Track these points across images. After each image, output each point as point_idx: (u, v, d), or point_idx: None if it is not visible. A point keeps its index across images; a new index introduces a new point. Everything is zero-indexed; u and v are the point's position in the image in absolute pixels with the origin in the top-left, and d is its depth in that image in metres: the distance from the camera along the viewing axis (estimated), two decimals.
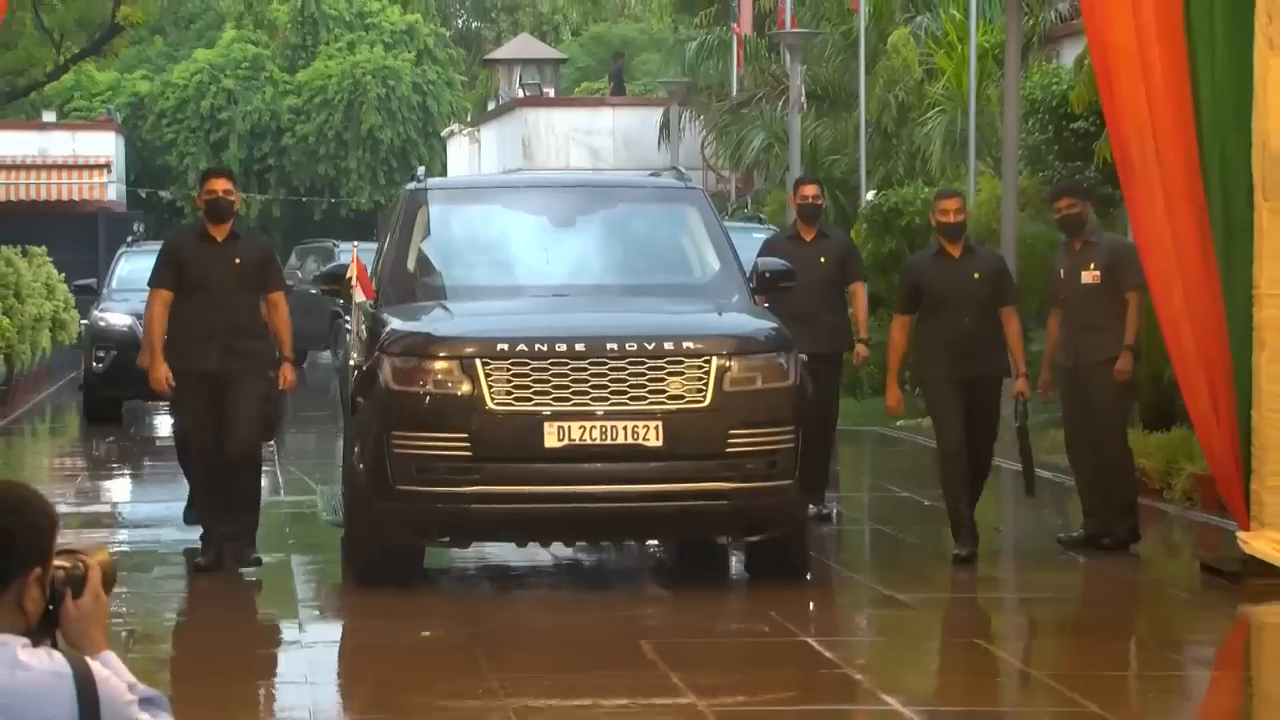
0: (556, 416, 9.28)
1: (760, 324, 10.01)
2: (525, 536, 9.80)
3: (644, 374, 9.36)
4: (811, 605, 9.97)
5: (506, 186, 12.96)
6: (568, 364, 9.34)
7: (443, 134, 49.39)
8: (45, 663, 3.27)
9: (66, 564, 3.42)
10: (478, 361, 9.33)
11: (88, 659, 3.32)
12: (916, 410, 18.98)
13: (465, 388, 9.31)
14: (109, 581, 3.50)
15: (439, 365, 9.40)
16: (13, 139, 38.57)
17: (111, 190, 39.45)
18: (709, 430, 9.37)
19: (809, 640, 8.95)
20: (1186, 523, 12.07)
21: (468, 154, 43.74)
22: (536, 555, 10.59)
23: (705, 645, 8.88)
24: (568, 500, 9.28)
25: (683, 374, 9.38)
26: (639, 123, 36.97)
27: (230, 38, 54.02)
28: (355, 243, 11.00)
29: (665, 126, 33.68)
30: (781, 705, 8.05)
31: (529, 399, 9.30)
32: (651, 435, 9.29)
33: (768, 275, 10.68)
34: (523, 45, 47.87)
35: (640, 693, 7.81)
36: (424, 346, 9.55)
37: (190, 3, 58.20)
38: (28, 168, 38.13)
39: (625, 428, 9.30)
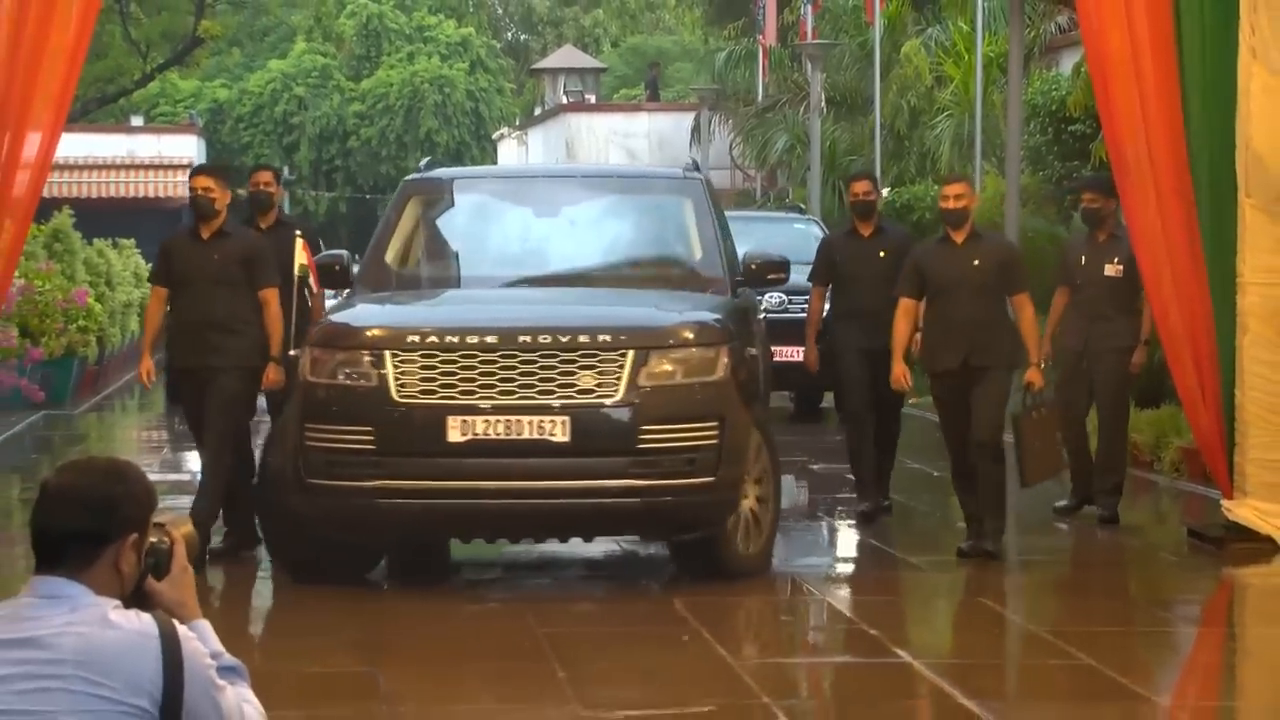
0: (461, 410, 8.34)
1: (694, 316, 8.87)
2: (432, 533, 8.96)
3: (555, 368, 8.39)
4: (830, 566, 9.93)
5: (500, 177, 11.95)
6: (477, 356, 8.41)
7: (494, 137, 49.42)
8: (134, 623, 3.25)
9: (154, 538, 3.41)
10: (386, 353, 8.45)
11: (175, 623, 3.30)
12: (923, 388, 18.92)
13: (373, 380, 8.44)
14: (193, 552, 3.50)
15: (349, 357, 8.54)
16: (103, 141, 38.70)
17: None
18: (619, 426, 8.36)
19: (828, 599, 8.92)
20: (1174, 492, 12.02)
21: (516, 155, 43.74)
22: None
23: (732, 605, 8.85)
24: (472, 496, 8.34)
25: (595, 368, 8.39)
26: (672, 126, 36.96)
27: (301, 49, 54.14)
28: (298, 230, 10.14)
29: (696, 129, 33.64)
30: (802, 658, 8.02)
31: (434, 392, 8.39)
32: (558, 430, 8.31)
33: (755, 267, 9.70)
34: (566, 56, 47.84)
35: (671, 647, 7.78)
36: (338, 338, 8.72)
37: (265, 18, 58.25)
38: (117, 167, 38.27)
39: (531, 423, 8.32)
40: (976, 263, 9.53)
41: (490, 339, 8.44)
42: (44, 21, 9.64)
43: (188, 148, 40.56)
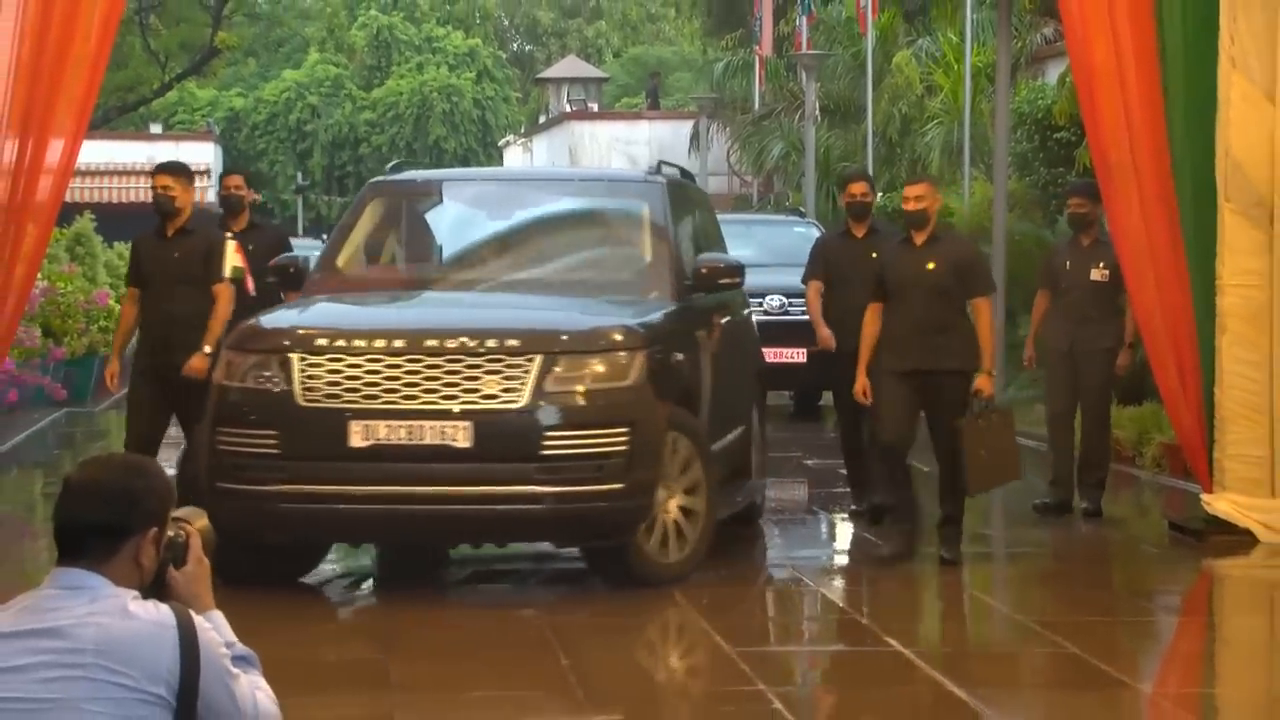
0: (363, 415, 7.96)
1: (608, 321, 8.42)
2: (337, 537, 8.62)
3: (459, 372, 8.00)
4: (825, 559, 9.92)
5: (460, 181, 11.09)
6: (383, 360, 8.04)
7: (500, 144, 49.43)
8: (152, 613, 3.25)
9: (171, 531, 3.41)
10: (293, 357, 8.12)
11: (192, 614, 3.30)
12: None
13: (279, 384, 8.12)
14: (208, 545, 3.49)
15: (259, 360, 8.22)
16: (124, 148, 38.68)
17: (210, 194, 39.55)
18: (523, 432, 7.95)
19: (823, 590, 8.92)
20: (1156, 486, 12.01)
21: (521, 161, 43.75)
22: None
23: (730, 596, 8.84)
24: (374, 501, 7.93)
25: (500, 373, 8.00)
26: (672, 133, 36.97)
27: (314, 60, 54.16)
28: (229, 232, 9.80)
29: (695, 137, 33.63)
30: (796, 646, 8.02)
31: (338, 396, 8.02)
32: (460, 436, 7.92)
33: (706, 271, 9.20)
34: (570, 66, 47.86)
35: (673, 630, 7.78)
36: (249, 340, 8.38)
37: (279, 29, 58.28)
38: (137, 173, 38.23)
39: (433, 428, 7.94)
40: (932, 265, 9.10)
41: (397, 343, 8.08)
42: (66, 32, 9.64)
43: (205, 154, 40.56)
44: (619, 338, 8.26)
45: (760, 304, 15.13)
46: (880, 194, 23.22)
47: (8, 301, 9.68)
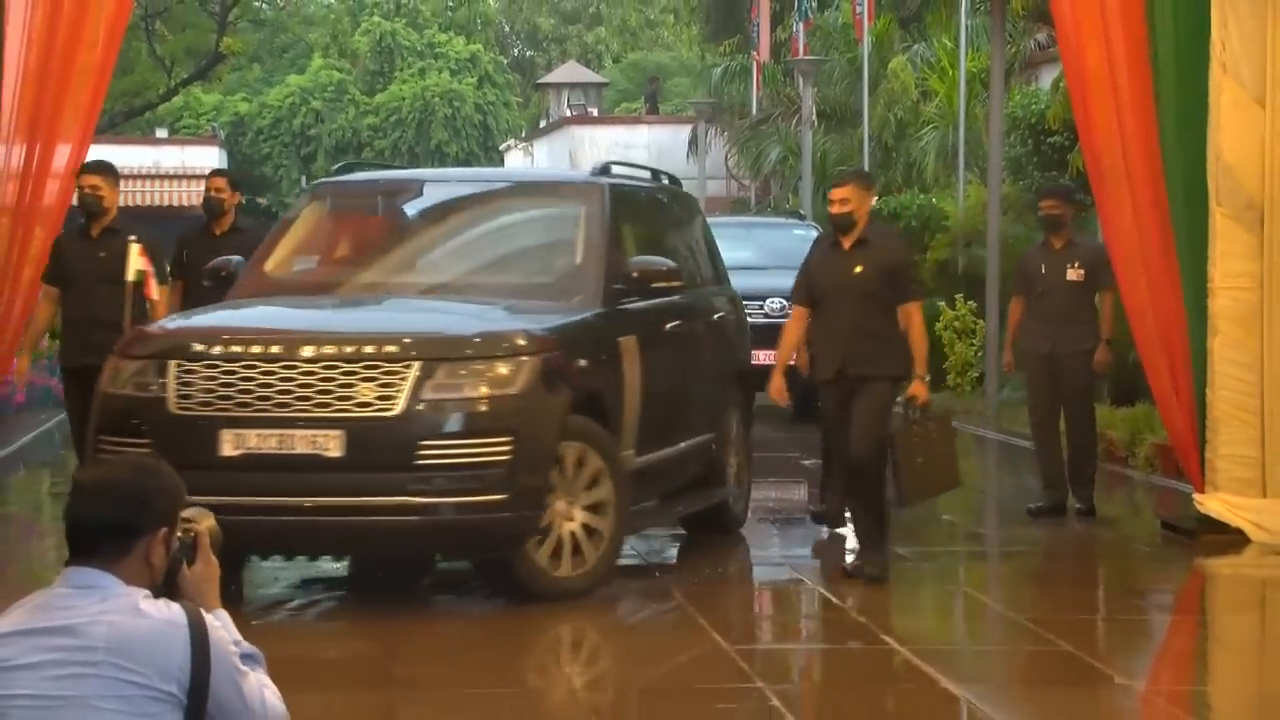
0: (235, 423, 7.62)
1: (497, 327, 8.06)
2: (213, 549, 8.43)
3: (334, 380, 7.61)
4: (822, 558, 9.90)
5: (400, 181, 10.52)
6: (258, 367, 7.68)
7: (501, 148, 49.42)
8: (163, 611, 3.25)
9: (179, 531, 3.41)
10: (170, 363, 7.79)
11: (203, 612, 3.30)
12: None
13: (155, 390, 7.80)
14: (216, 545, 3.50)
15: (140, 366, 7.91)
16: (130, 152, 38.64)
17: (240, 197, 39.58)
18: (396, 441, 7.55)
19: (819, 589, 8.91)
20: (1148, 486, 12.01)
21: (522, 166, 43.72)
22: None
23: (728, 594, 8.84)
24: (245, 512, 7.38)
25: (375, 380, 7.60)
26: (671, 138, 36.99)
27: (318, 65, 54.17)
28: (133, 236, 9.35)
29: (694, 141, 33.65)
30: (795, 643, 8.02)
31: (211, 403, 7.68)
32: (332, 445, 7.53)
33: (637, 275, 8.77)
34: (570, 71, 47.86)
35: (669, 629, 7.78)
36: (133, 346, 8.08)
37: (284, 35, 58.28)
38: (143, 177, 38.25)
39: (304, 437, 7.56)
40: (859, 269, 8.62)
41: (274, 349, 7.72)
42: (73, 38, 9.64)
43: (210, 159, 40.56)
44: (504, 344, 7.86)
45: (760, 306, 15.07)
46: (877, 197, 23.25)
47: (15, 304, 9.68)
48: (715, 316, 10.10)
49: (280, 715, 3.36)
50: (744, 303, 10.90)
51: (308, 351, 7.67)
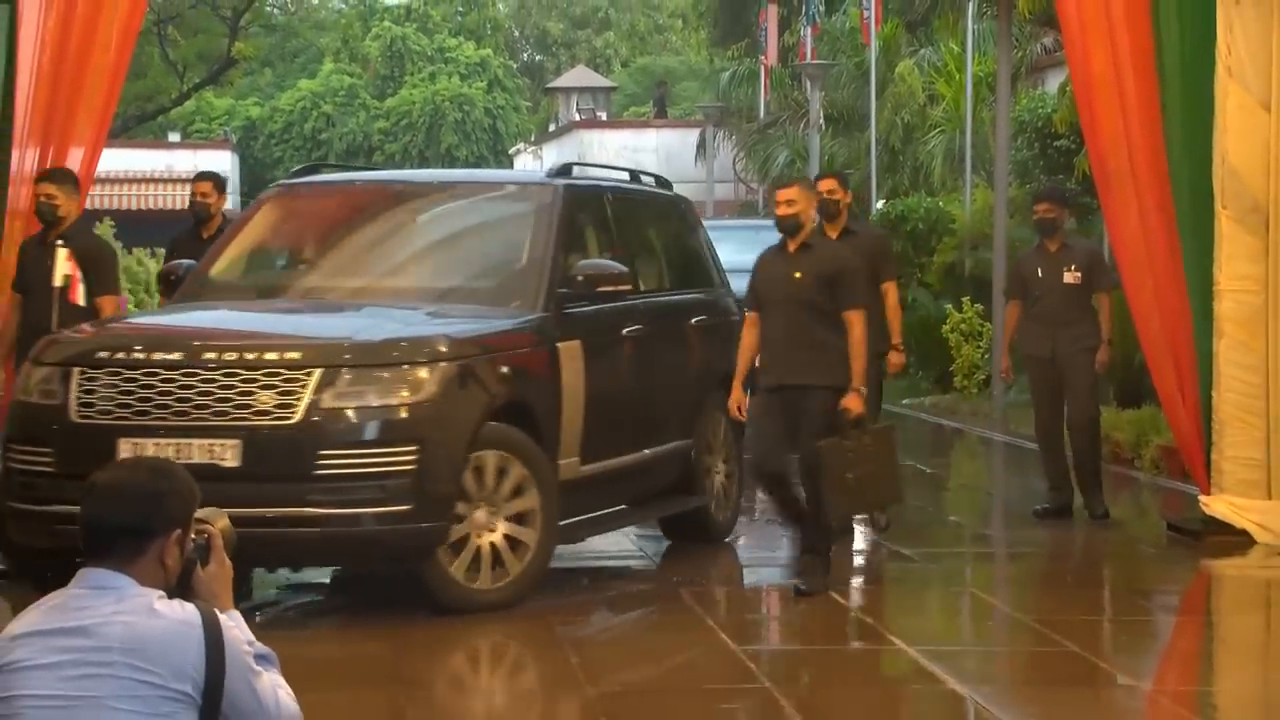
0: (133, 432, 7.36)
1: (406, 332, 7.74)
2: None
3: (234, 387, 7.35)
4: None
5: (351, 183, 10.10)
6: (159, 374, 7.43)
7: (510, 152, 49.46)
8: (177, 612, 3.26)
9: (195, 535, 3.41)
10: (74, 371, 7.55)
11: (217, 612, 3.30)
12: (918, 390, 18.96)
13: (59, 398, 7.56)
14: (229, 545, 3.49)
15: (47, 374, 7.68)
16: (143, 156, 38.76)
17: (227, 201, 39.64)
18: (294, 450, 7.26)
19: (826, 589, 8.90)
20: (1154, 488, 11.99)
21: (532, 169, 43.77)
22: None
23: (736, 595, 8.84)
24: None
25: (275, 387, 7.33)
26: (679, 141, 37.03)
27: (329, 70, 54.24)
28: (59, 240, 9.02)
29: (702, 145, 33.65)
30: (803, 645, 8.01)
31: (111, 412, 7.45)
32: (229, 455, 7.26)
33: (583, 278, 8.44)
34: (579, 75, 47.90)
35: (676, 629, 7.78)
36: (44, 353, 7.83)
37: (295, 40, 58.36)
38: (156, 181, 38.31)
39: (201, 446, 7.29)
40: (799, 275, 8.26)
41: (174, 356, 7.48)
42: (86, 43, 9.66)
43: (222, 163, 40.59)
44: (410, 350, 7.56)
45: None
46: (884, 200, 23.24)
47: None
48: (695, 320, 9.75)
49: (293, 714, 3.36)
50: None
51: (207, 358, 7.44)
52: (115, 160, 34.12)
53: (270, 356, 7.39)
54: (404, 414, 7.39)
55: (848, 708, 6.86)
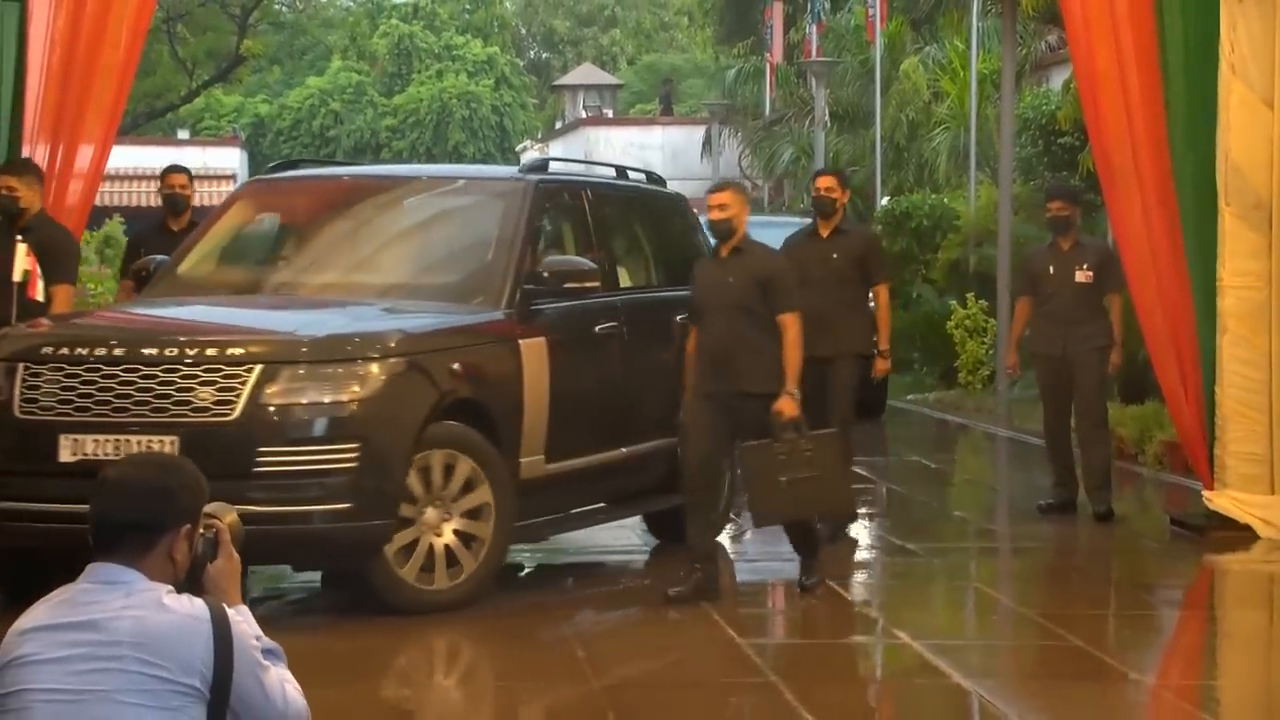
0: (74, 428, 7.28)
1: (349, 329, 7.62)
2: (54, 559, 7.71)
3: (174, 382, 7.24)
4: (835, 554, 9.88)
5: (327, 180, 9.81)
6: (100, 370, 7.32)
7: (517, 149, 49.45)
8: (186, 606, 3.26)
9: (204, 530, 3.41)
10: (19, 366, 7.45)
11: (225, 607, 3.30)
12: (922, 385, 18.96)
13: (4, 393, 7.44)
14: (237, 540, 3.49)
15: None
16: (152, 153, 38.73)
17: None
18: (232, 447, 7.11)
19: (830, 582, 8.90)
20: (1158, 483, 11.98)
21: None
22: None
23: (741, 589, 8.83)
24: (83, 521, 7.48)
25: (215, 383, 7.22)
26: (685, 138, 37.02)
27: (337, 67, 54.25)
28: (19, 235, 8.85)
29: (707, 142, 33.64)
30: (809, 639, 8.01)
31: (53, 408, 7.35)
32: (167, 451, 7.07)
33: (549, 275, 8.25)
34: (585, 73, 47.90)
35: (681, 623, 7.78)
36: None
37: (303, 37, 58.35)
38: None
39: (139, 442, 7.18)
40: (731, 279, 8.08)
41: (117, 352, 7.35)
42: (95, 41, 9.66)
43: (231, 159, 40.65)
44: (351, 347, 7.43)
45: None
46: (889, 197, 23.22)
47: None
48: (683, 317, 9.43)
49: (301, 709, 3.36)
50: None
51: (148, 353, 7.32)
52: (125, 157, 34.16)
53: (210, 353, 7.28)
54: (345, 411, 7.26)
55: (852, 702, 6.86)
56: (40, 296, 8.95)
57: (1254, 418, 9.66)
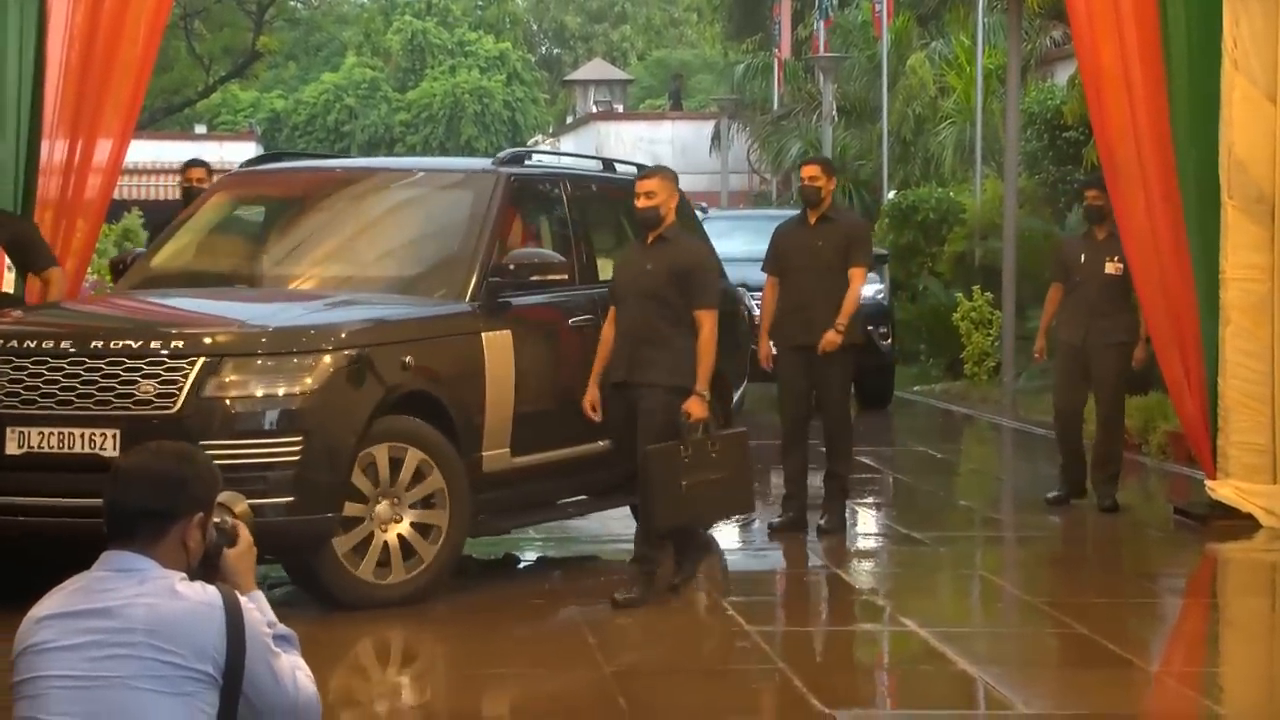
0: (20, 421, 7.17)
1: (300, 320, 7.52)
2: (10, 549, 7.54)
3: (117, 375, 7.13)
4: (844, 543, 9.89)
5: (301, 173, 9.56)
6: (47, 363, 7.23)
7: (529, 144, 49.40)
8: (199, 593, 3.25)
9: (217, 517, 3.41)
10: None
11: (238, 594, 3.30)
12: (928, 377, 18.94)
13: None
14: (251, 529, 3.50)
15: None
16: (170, 148, 38.74)
17: None
18: (174, 440, 7.40)
19: (840, 572, 8.90)
20: (1161, 473, 11.97)
21: None
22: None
23: (751, 577, 8.82)
24: (26, 513, 7.13)
25: (158, 375, 7.10)
26: (694, 133, 36.98)
27: (351, 63, 54.27)
28: None
29: (716, 136, 33.59)
30: (816, 626, 8.00)
31: (1, 400, 7.23)
32: (109, 444, 7.05)
33: (514, 267, 8.06)
34: (596, 68, 47.89)
35: (691, 611, 7.77)
36: None
37: (318, 34, 58.36)
38: (182, 172, 38.33)
39: (83, 435, 7.10)
40: (649, 267, 7.78)
41: (64, 344, 7.24)
42: (113, 36, 9.66)
43: (247, 154, 40.58)
44: (297, 340, 7.29)
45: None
46: (895, 191, 23.18)
47: (64, 296, 9.63)
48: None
49: (311, 695, 3.36)
50: (757, 295, 10.29)
51: (94, 346, 7.21)
52: (143, 151, 34.17)
53: (154, 345, 7.17)
54: (287, 404, 7.14)
55: (860, 687, 6.86)
56: (10, 288, 8.86)
57: (1256, 408, 9.64)
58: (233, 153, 40.37)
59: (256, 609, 3.32)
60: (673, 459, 7.54)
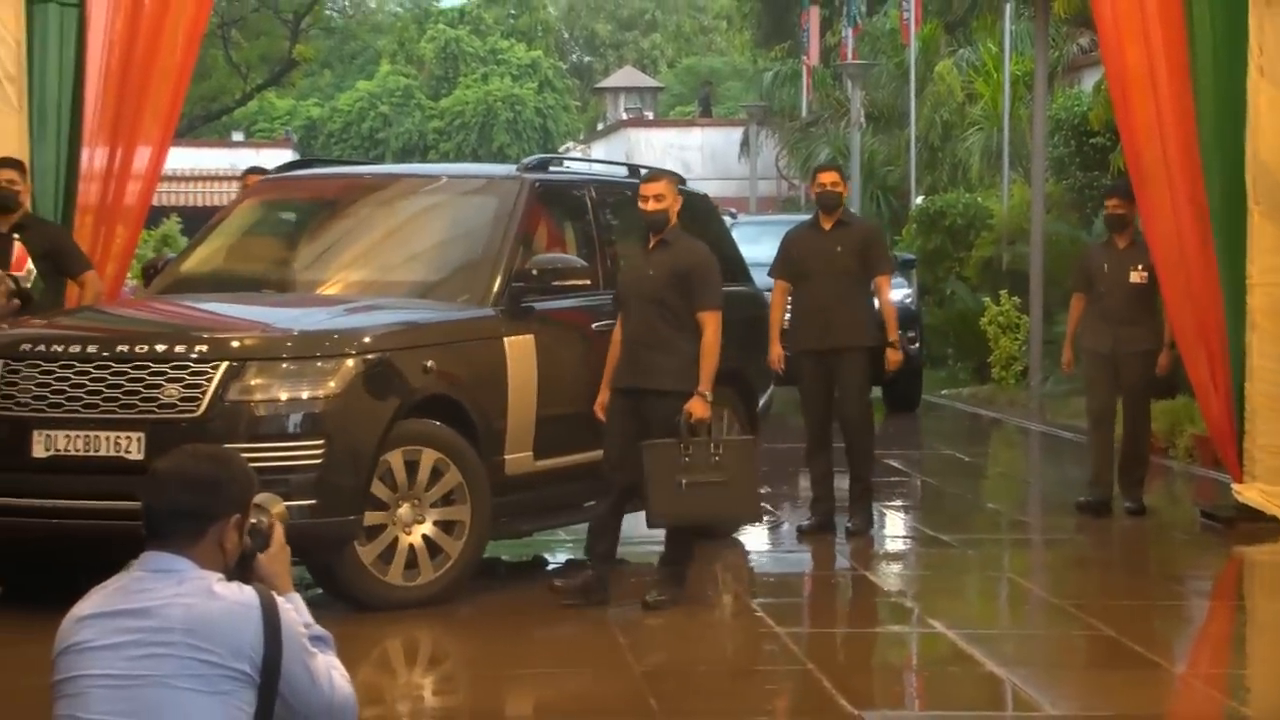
0: (47, 424, 7.20)
1: (323, 325, 7.50)
2: (31, 550, 7.65)
3: (141, 379, 7.15)
4: (872, 545, 9.87)
5: (328, 180, 9.64)
6: (73, 366, 7.25)
7: (560, 150, 49.46)
8: (236, 594, 3.26)
9: (253, 519, 3.41)
10: None
11: (274, 594, 3.31)
12: (956, 380, 18.89)
13: None
14: (286, 530, 3.50)
15: None
16: (207, 155, 38.95)
17: None
18: (198, 443, 7.31)
19: (867, 574, 8.88)
20: (1188, 476, 11.91)
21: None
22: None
23: (779, 579, 8.81)
24: (52, 515, 7.17)
25: (182, 380, 7.12)
26: (723, 140, 36.99)
27: (386, 71, 54.45)
28: (15, 234, 8.79)
29: (745, 143, 33.59)
30: (844, 628, 7.98)
31: (27, 404, 7.26)
32: (133, 447, 7.07)
33: (537, 273, 8.06)
34: (627, 76, 47.91)
35: (720, 612, 7.76)
36: None
37: (353, 42, 58.55)
38: (220, 179, 38.48)
39: (109, 438, 7.12)
40: (652, 272, 7.72)
41: (90, 349, 7.27)
42: (152, 45, 9.70)
43: (284, 161, 40.79)
44: (319, 344, 7.29)
45: None
46: (923, 196, 23.13)
47: (100, 299, 9.69)
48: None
49: (347, 695, 3.36)
50: None
51: (120, 350, 7.23)
52: (181, 159, 34.32)
53: (179, 349, 7.19)
54: (310, 408, 7.14)
55: (888, 688, 6.84)
56: (38, 295, 8.80)
57: None
58: (270, 160, 40.57)
59: (293, 609, 3.33)
60: (671, 454, 7.48)
